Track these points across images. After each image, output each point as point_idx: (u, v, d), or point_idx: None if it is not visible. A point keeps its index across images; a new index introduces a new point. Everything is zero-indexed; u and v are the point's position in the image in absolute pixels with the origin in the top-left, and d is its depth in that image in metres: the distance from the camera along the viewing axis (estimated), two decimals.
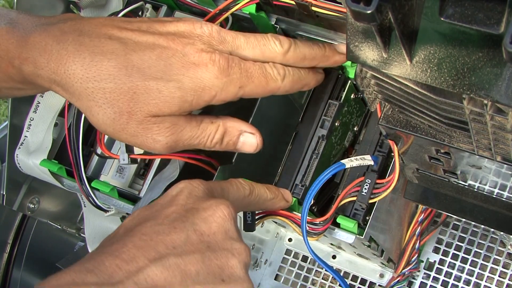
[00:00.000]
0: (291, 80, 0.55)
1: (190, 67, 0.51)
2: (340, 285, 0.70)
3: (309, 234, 0.57)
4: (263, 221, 0.59)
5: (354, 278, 0.73)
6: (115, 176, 0.64)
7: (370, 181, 0.56)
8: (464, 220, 0.70)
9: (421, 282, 0.72)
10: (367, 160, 0.58)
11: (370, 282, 0.72)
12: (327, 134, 0.61)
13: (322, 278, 0.74)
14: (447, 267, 0.72)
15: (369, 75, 0.45)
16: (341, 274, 0.73)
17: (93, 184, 0.62)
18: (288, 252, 0.76)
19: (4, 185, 0.71)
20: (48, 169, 0.64)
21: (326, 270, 0.65)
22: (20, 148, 0.66)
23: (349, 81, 0.62)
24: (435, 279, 0.72)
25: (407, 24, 0.38)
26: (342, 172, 0.63)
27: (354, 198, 0.57)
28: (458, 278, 0.71)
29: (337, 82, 0.63)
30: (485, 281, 0.71)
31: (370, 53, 0.41)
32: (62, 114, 0.66)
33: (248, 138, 0.55)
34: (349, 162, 0.58)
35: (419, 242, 0.69)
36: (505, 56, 0.32)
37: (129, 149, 0.61)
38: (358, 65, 0.44)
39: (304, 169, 0.61)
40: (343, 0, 0.53)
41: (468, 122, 0.43)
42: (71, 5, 0.71)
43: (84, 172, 0.63)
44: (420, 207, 0.69)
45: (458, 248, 0.72)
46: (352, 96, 0.63)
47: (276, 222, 0.72)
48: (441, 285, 0.72)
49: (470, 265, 0.71)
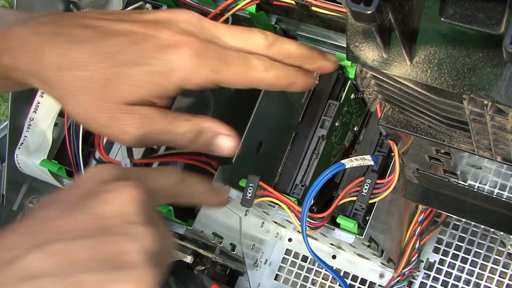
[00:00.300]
0: (275, 74, 0.52)
1: (162, 49, 0.50)
2: (340, 285, 0.70)
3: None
4: (261, 201, 0.57)
5: (354, 278, 0.73)
6: None
7: (370, 181, 0.56)
8: (464, 220, 0.70)
9: (421, 282, 0.72)
10: (367, 160, 0.58)
11: (370, 282, 0.72)
12: (327, 134, 0.61)
13: (322, 278, 0.74)
14: (447, 267, 0.72)
15: (369, 75, 0.45)
16: (341, 274, 0.73)
17: None
18: (288, 252, 0.76)
19: (4, 185, 0.71)
20: (48, 169, 0.64)
21: (326, 270, 0.65)
22: (20, 148, 0.66)
23: (349, 81, 0.62)
24: (435, 279, 0.72)
25: (407, 25, 0.38)
26: (342, 172, 0.63)
27: (354, 198, 0.57)
28: (458, 278, 0.71)
29: (337, 82, 0.63)
30: (485, 281, 0.71)
31: (370, 53, 0.41)
32: (62, 114, 0.66)
33: (224, 141, 0.53)
34: (349, 162, 0.58)
35: (419, 242, 0.69)
36: (505, 56, 0.32)
37: (130, 153, 0.61)
38: (358, 65, 0.44)
39: (304, 169, 0.61)
40: (343, 0, 0.53)
41: (468, 123, 0.43)
42: (71, 5, 0.71)
43: (84, 172, 0.63)
44: (420, 207, 0.69)
45: (458, 248, 0.72)
46: (352, 96, 0.63)
47: (276, 222, 0.72)
48: (441, 285, 0.71)
49: (470, 265, 0.71)
